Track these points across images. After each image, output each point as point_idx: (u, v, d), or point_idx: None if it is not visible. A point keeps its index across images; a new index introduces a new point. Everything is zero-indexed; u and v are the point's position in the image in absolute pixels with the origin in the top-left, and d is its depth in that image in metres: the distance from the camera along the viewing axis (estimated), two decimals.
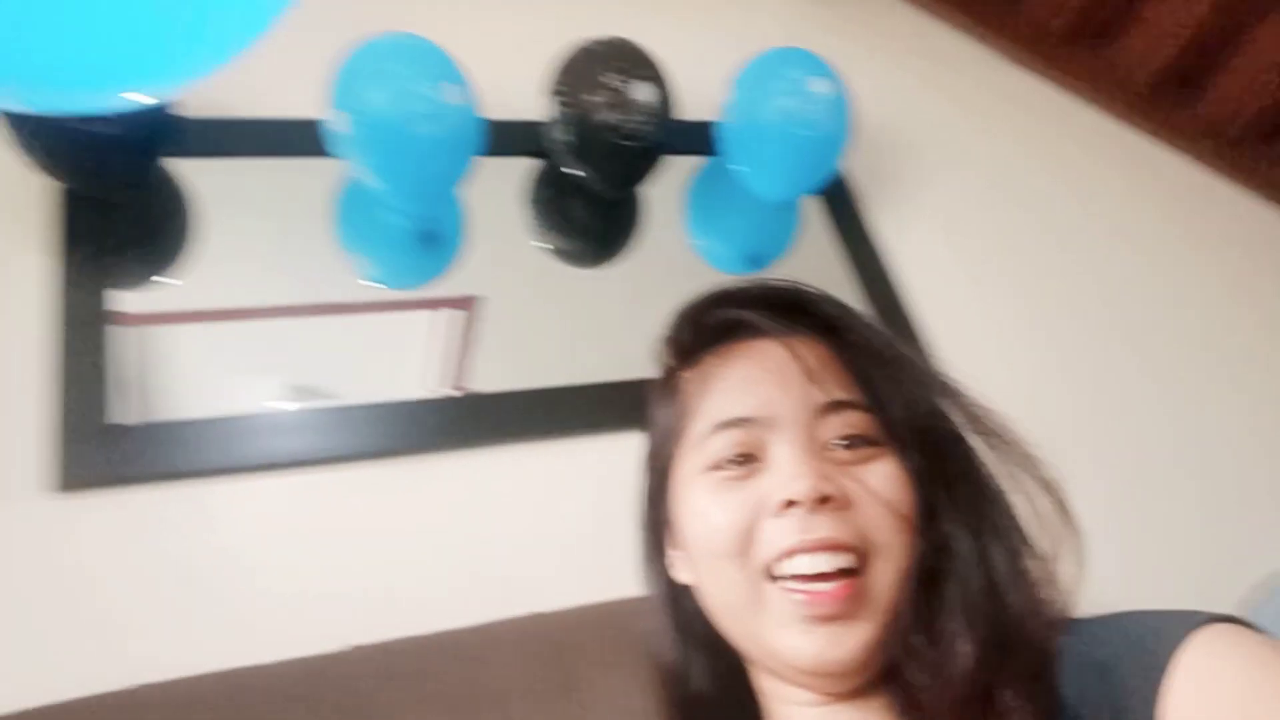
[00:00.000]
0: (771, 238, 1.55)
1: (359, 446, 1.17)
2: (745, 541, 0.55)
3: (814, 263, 1.53)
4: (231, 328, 1.28)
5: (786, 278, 0.64)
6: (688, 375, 0.63)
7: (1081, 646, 0.53)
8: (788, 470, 0.55)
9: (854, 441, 0.57)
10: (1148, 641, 0.49)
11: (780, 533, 0.54)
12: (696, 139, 1.54)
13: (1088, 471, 1.45)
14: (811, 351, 0.59)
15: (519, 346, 1.36)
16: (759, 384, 0.58)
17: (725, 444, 0.58)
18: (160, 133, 1.20)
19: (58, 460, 1.04)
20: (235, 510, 1.10)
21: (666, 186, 1.54)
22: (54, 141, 1.11)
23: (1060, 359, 1.60)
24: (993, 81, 2.00)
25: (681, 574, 0.63)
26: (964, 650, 0.52)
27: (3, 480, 1.03)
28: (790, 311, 0.61)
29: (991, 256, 1.70)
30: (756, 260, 1.51)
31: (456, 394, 1.27)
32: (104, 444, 1.06)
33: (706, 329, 0.63)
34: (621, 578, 0.73)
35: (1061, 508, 0.57)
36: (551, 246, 1.46)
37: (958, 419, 0.60)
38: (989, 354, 1.54)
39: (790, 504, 0.54)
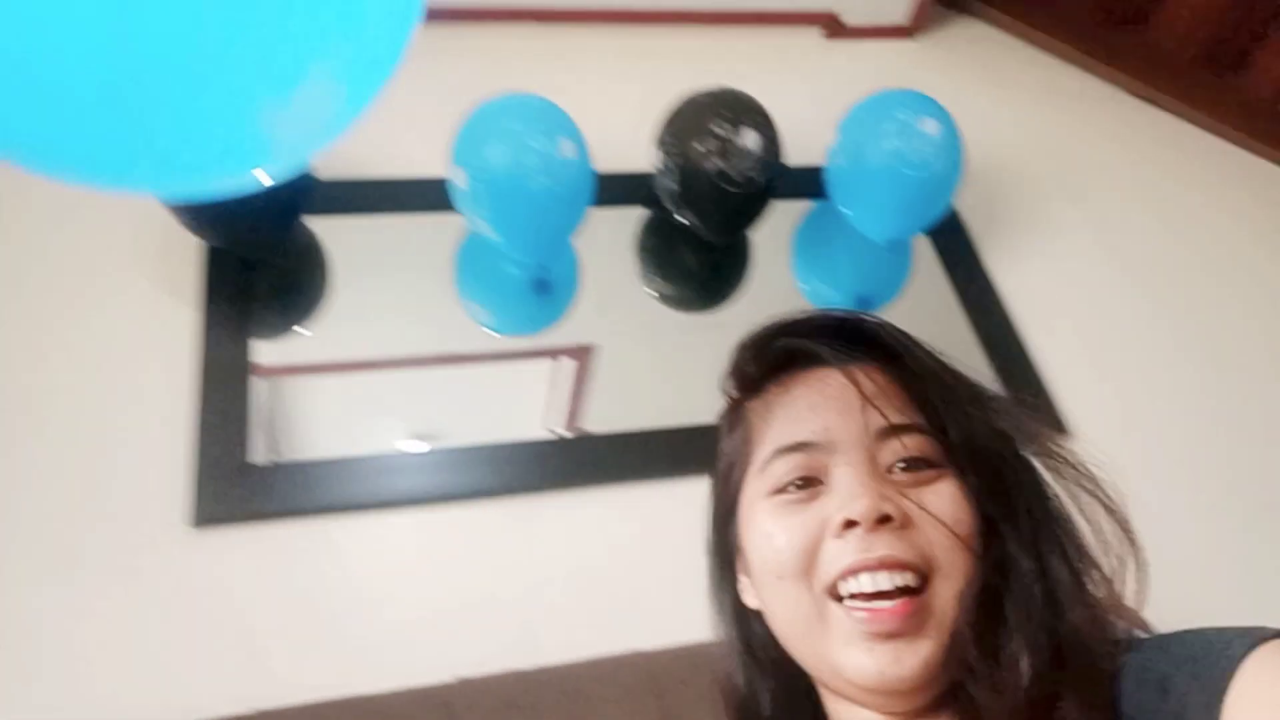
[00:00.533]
0: (881, 279, 1.54)
1: (476, 485, 1.22)
2: (808, 562, 0.56)
3: (927, 302, 1.51)
4: (361, 377, 1.36)
5: (850, 310, 0.65)
6: (752, 405, 0.65)
7: (1142, 663, 0.52)
8: (848, 491, 0.56)
9: (914, 464, 0.57)
10: (1209, 658, 0.48)
11: (841, 552, 0.55)
12: (806, 183, 1.55)
13: (1212, 506, 1.37)
14: (870, 377, 0.60)
15: (631, 389, 1.39)
16: (820, 410, 0.60)
17: (788, 468, 0.59)
18: (299, 193, 1.30)
19: (198, 497, 1.12)
20: (360, 544, 1.16)
21: (776, 231, 1.55)
22: (200, 203, 1.21)
23: (1182, 395, 1.51)
24: (1108, 112, 1.95)
25: (750, 599, 0.64)
26: (1025, 668, 0.52)
27: (148, 515, 1.12)
28: (849, 339, 0.62)
29: (1110, 290, 1.63)
30: (866, 302, 1.49)
31: (570, 435, 1.31)
32: (240, 482, 1.14)
33: (769, 359, 0.64)
34: None
35: (1124, 527, 0.56)
36: (661, 292, 1.49)
37: (1018, 441, 0.60)
38: (1106, 390, 1.48)
39: (850, 524, 0.55)
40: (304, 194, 1.32)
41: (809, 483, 0.58)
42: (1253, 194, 1.85)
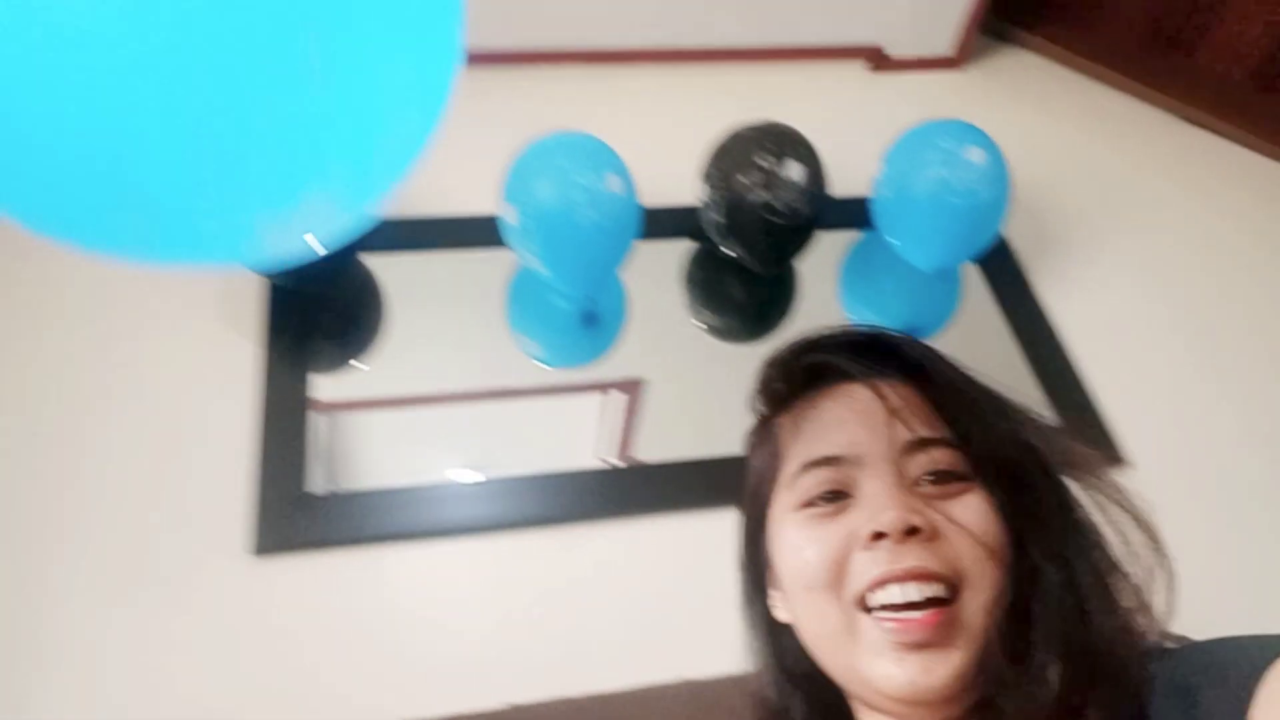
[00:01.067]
0: (931, 308, 1.53)
1: (529, 514, 1.24)
2: (838, 574, 0.57)
3: (977, 330, 1.50)
4: (418, 412, 1.40)
5: (875, 325, 0.66)
6: (780, 421, 0.65)
7: (1170, 673, 0.52)
8: (876, 503, 0.57)
9: (941, 477, 0.58)
10: (1233, 668, 0.48)
11: (870, 563, 0.55)
12: (852, 214, 1.57)
13: (1274, 532, 1.32)
14: (896, 392, 0.61)
15: (681, 419, 1.40)
16: (847, 424, 0.60)
17: (816, 482, 0.60)
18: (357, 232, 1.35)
19: (259, 526, 1.16)
20: (414, 572, 1.18)
21: (824, 262, 1.56)
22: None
23: (1241, 420, 1.47)
24: (1158, 137, 1.93)
25: (781, 612, 0.65)
26: (1054, 679, 0.52)
27: (211, 543, 1.16)
28: (875, 355, 0.63)
29: (1165, 316, 1.60)
30: (916, 331, 1.49)
31: (621, 465, 1.32)
32: (299, 512, 1.18)
33: (796, 375, 0.65)
34: None
35: (1153, 539, 0.56)
36: (709, 324, 1.51)
37: (1044, 453, 0.60)
38: (1164, 418, 1.45)
39: (879, 535, 0.55)
40: (362, 233, 1.37)
41: (837, 496, 0.59)
42: None
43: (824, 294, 1.55)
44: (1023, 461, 0.59)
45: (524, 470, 1.28)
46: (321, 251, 0.82)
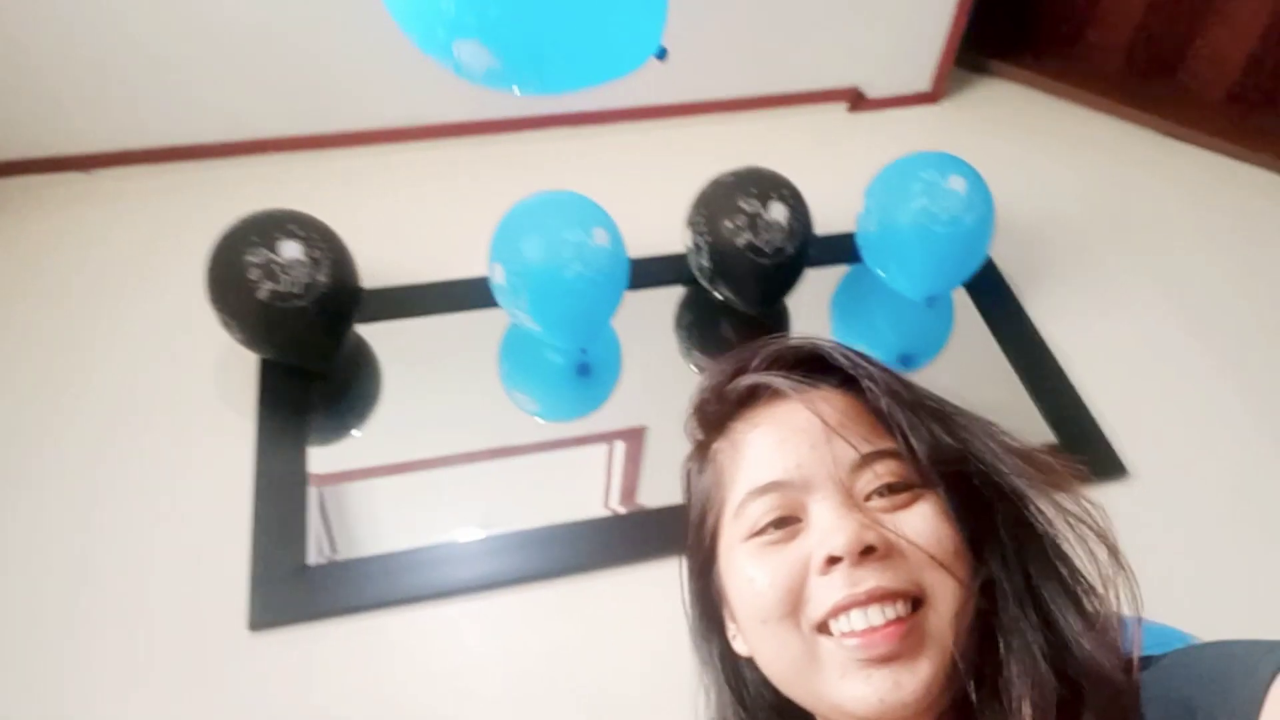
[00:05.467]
0: (923, 335, 1.54)
1: (534, 568, 1.23)
2: (795, 603, 0.55)
3: (971, 355, 1.50)
4: (418, 476, 1.40)
5: (806, 336, 0.64)
6: (719, 445, 0.63)
7: (1164, 682, 0.50)
8: (828, 526, 0.55)
9: (890, 489, 0.56)
10: (1236, 678, 0.46)
11: (829, 590, 0.53)
12: (839, 250, 1.58)
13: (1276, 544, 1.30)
14: (834, 405, 0.59)
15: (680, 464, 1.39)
16: (789, 446, 0.58)
17: (763, 509, 0.58)
18: (347, 304, 1.37)
19: (253, 601, 1.16)
20: (420, 636, 1.17)
21: (814, 298, 1.57)
22: (254, 317, 1.28)
23: (1239, 430, 1.45)
24: (1139, 153, 1.94)
25: (739, 645, 0.62)
26: (1029, 692, 0.50)
27: (209, 622, 1.15)
28: (808, 368, 0.61)
29: (1159, 329, 1.60)
30: (908, 360, 1.49)
31: (625, 511, 1.31)
32: (298, 584, 1.18)
33: (730, 397, 0.63)
34: None
35: (1107, 542, 0.55)
36: (704, 368, 1.51)
37: (992, 456, 0.58)
38: (1164, 431, 1.43)
39: (834, 560, 0.54)
40: (352, 305, 1.39)
41: (786, 522, 0.57)
42: None
43: (816, 329, 1.55)
44: (968, 465, 0.57)
45: (528, 525, 1.27)
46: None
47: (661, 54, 1.08)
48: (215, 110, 1.70)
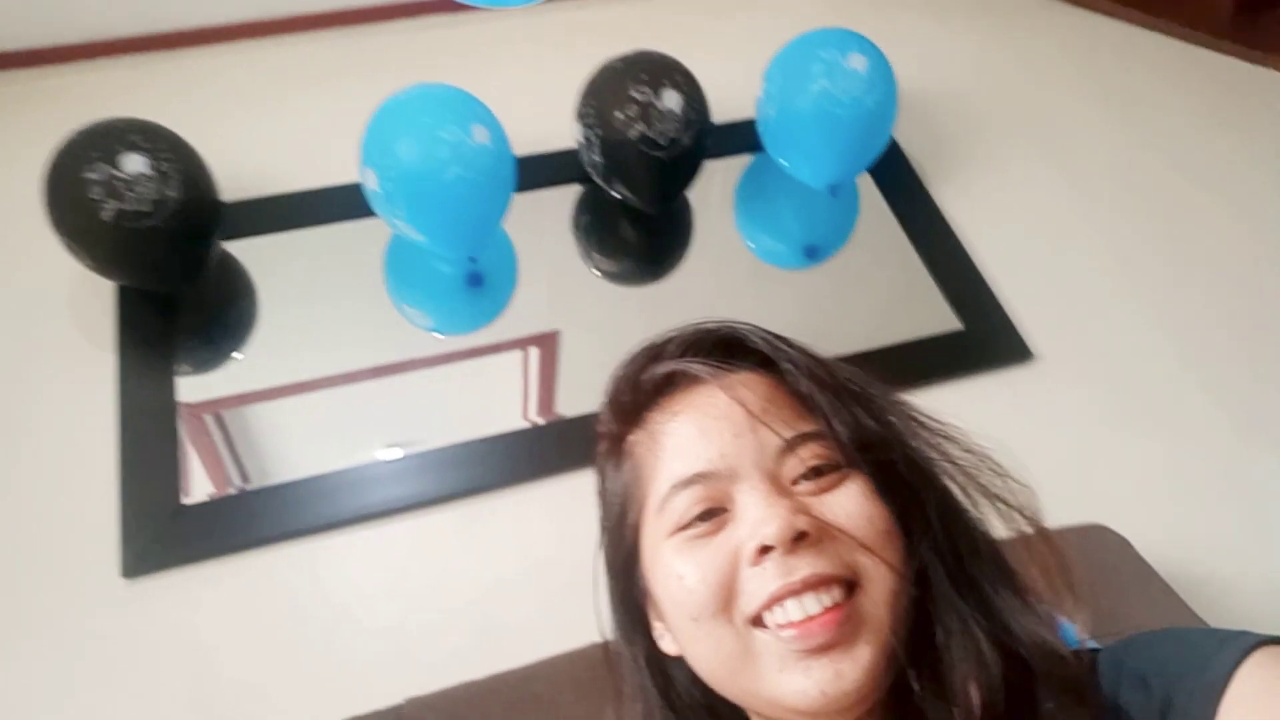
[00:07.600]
0: (829, 225, 1.49)
1: (444, 488, 1.17)
2: (726, 597, 0.53)
3: (877, 242, 1.47)
4: (313, 397, 1.30)
5: (722, 319, 0.62)
6: (636, 437, 0.60)
7: (1119, 661, 0.51)
8: (757, 515, 0.52)
9: (816, 471, 0.55)
10: (1199, 664, 0.47)
11: (762, 581, 0.51)
12: (739, 138, 1.51)
13: (1190, 425, 1.32)
14: (756, 391, 0.57)
15: (599, 369, 1.33)
16: (711, 435, 0.55)
17: (688, 503, 0.55)
18: (204, 220, 1.25)
19: (125, 547, 1.08)
20: (310, 570, 1.11)
21: (716, 191, 1.50)
22: (100, 241, 1.16)
23: (1147, 301, 1.46)
24: (1040, 23, 1.88)
25: (667, 644, 0.60)
26: (972, 665, 0.50)
27: (80, 571, 1.08)
28: (725, 352, 0.60)
29: (1064, 204, 1.57)
30: (815, 252, 1.44)
31: (542, 422, 1.26)
32: (173, 526, 1.10)
33: (645, 386, 0.61)
34: None
35: (1030, 515, 0.55)
36: (605, 270, 1.44)
37: (913, 438, 0.58)
38: (1067, 310, 1.43)
39: (765, 549, 0.52)
40: (212, 220, 1.27)
41: (713, 513, 0.55)
42: (1210, 83, 1.79)
43: (720, 224, 1.49)
44: (890, 444, 0.56)
45: (438, 444, 1.21)
46: None
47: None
48: (40, 9, 1.50)
